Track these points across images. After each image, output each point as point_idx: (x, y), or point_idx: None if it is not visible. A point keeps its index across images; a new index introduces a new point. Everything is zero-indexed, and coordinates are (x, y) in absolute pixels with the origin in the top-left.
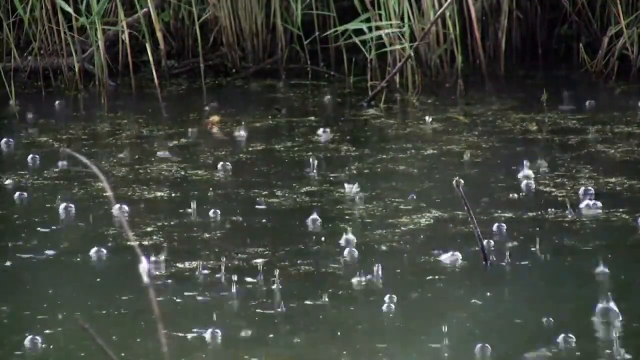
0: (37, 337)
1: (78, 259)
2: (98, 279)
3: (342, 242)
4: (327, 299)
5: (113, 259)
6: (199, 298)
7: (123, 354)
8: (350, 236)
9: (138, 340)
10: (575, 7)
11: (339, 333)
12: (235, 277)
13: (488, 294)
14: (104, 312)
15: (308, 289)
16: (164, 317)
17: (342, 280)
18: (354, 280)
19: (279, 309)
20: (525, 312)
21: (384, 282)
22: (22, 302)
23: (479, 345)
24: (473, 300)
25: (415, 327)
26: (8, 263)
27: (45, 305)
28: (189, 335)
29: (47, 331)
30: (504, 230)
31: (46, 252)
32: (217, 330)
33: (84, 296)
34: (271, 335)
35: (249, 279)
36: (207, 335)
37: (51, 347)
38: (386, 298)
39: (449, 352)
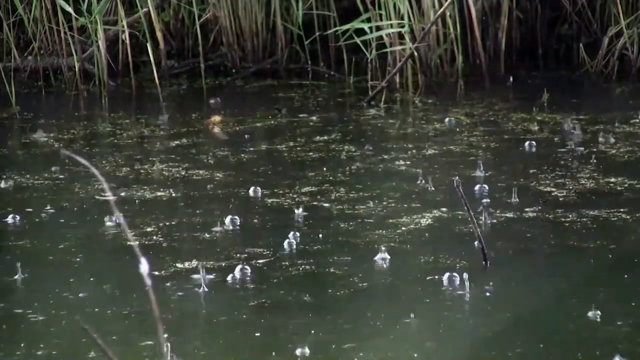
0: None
1: (78, 259)
2: (98, 279)
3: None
4: (327, 300)
5: (113, 259)
6: (199, 297)
7: (122, 354)
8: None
9: (138, 340)
10: (575, 7)
11: (337, 333)
12: (235, 277)
13: (487, 294)
14: (103, 311)
15: (308, 289)
16: (163, 318)
17: (342, 280)
18: (354, 279)
19: (279, 309)
20: (524, 311)
21: (384, 281)
22: (21, 302)
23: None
24: (473, 300)
25: (414, 326)
26: (8, 261)
27: (44, 305)
28: (190, 335)
29: (46, 331)
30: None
31: (46, 251)
32: (219, 330)
33: (84, 296)
34: (271, 336)
35: (249, 279)
36: (207, 334)
37: (50, 346)
38: (386, 298)
39: (449, 352)
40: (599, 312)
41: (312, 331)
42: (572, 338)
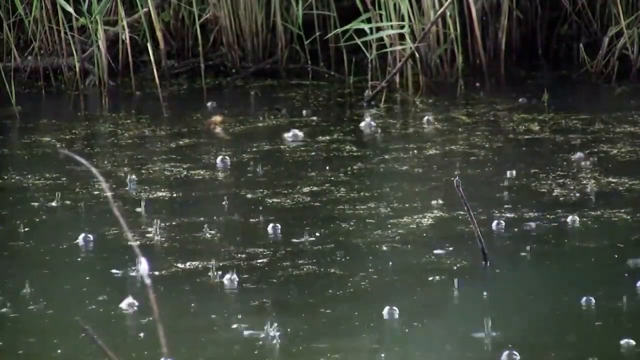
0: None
1: (79, 259)
2: (97, 279)
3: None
4: (327, 300)
5: (112, 259)
6: (199, 298)
7: (123, 355)
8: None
9: (138, 340)
10: (575, 7)
11: (338, 334)
12: (235, 277)
13: (485, 293)
14: (103, 312)
15: (309, 289)
16: (163, 318)
17: (342, 281)
18: (355, 280)
19: (280, 310)
20: (523, 311)
21: (385, 282)
22: (21, 303)
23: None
24: (472, 300)
25: (415, 326)
26: (9, 262)
27: (44, 305)
28: (190, 335)
29: (46, 330)
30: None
31: (46, 251)
32: (220, 329)
33: (83, 296)
34: (274, 333)
35: (249, 279)
36: (209, 333)
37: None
38: (386, 298)
39: (449, 352)
40: (598, 312)
41: (312, 331)
42: (571, 338)
